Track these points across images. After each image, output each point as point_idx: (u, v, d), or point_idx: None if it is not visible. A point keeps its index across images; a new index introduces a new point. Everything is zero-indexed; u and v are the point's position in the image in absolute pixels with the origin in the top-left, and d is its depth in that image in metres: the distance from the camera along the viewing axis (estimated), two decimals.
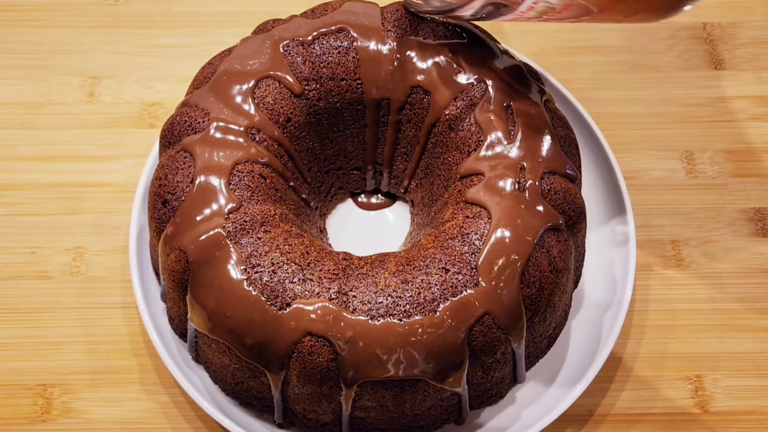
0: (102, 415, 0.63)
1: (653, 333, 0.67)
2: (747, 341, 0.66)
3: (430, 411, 0.58)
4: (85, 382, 0.64)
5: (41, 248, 0.69)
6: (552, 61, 0.78)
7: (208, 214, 0.57)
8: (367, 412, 0.57)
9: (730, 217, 0.72)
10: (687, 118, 0.77)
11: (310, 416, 0.59)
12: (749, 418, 0.64)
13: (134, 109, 0.76)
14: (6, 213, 0.71)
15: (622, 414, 0.64)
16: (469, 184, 0.60)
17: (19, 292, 0.68)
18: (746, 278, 0.69)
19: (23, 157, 0.74)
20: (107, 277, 0.68)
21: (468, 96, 0.63)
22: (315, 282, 0.56)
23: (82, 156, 0.74)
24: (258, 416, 0.61)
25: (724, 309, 0.68)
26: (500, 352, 0.57)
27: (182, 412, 0.63)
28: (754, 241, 0.71)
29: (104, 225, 0.70)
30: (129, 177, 0.72)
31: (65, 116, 0.76)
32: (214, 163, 0.59)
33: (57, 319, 0.66)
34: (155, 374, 0.64)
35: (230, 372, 0.59)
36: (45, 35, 0.80)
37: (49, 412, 0.63)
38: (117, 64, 0.79)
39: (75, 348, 0.65)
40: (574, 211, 0.60)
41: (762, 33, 0.81)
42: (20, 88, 0.77)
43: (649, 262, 0.69)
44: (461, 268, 0.56)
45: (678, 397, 0.64)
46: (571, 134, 0.63)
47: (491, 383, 0.59)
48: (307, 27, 0.65)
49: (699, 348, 0.66)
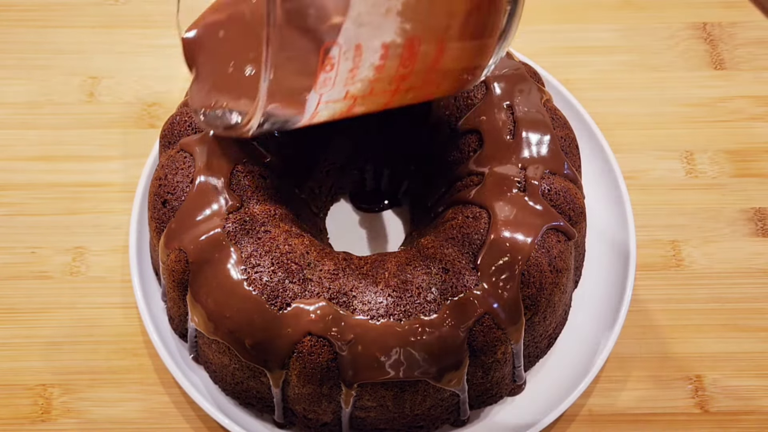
0: (102, 415, 0.63)
1: (653, 333, 0.67)
2: (747, 341, 0.66)
3: (430, 411, 0.58)
4: (85, 382, 0.64)
5: (41, 248, 0.69)
6: (552, 61, 0.78)
7: (208, 214, 0.57)
8: (367, 412, 0.57)
9: (730, 217, 0.72)
10: (687, 118, 0.77)
11: (310, 416, 0.59)
12: (749, 418, 0.64)
13: (134, 109, 0.76)
14: (6, 213, 0.71)
15: (622, 414, 0.64)
16: (469, 184, 0.60)
17: (19, 292, 0.68)
18: (746, 278, 0.69)
19: (23, 157, 0.74)
20: (107, 277, 0.68)
21: (468, 96, 0.63)
22: (315, 282, 0.56)
23: (82, 156, 0.74)
24: (258, 416, 0.61)
25: (724, 309, 0.68)
26: (500, 352, 0.57)
27: (182, 412, 0.63)
28: (754, 241, 0.71)
29: (104, 225, 0.70)
30: (129, 177, 0.72)
31: (65, 116, 0.76)
32: (214, 163, 0.59)
33: (57, 319, 0.66)
34: (155, 374, 0.64)
35: (230, 372, 0.59)
36: (45, 35, 0.80)
37: (49, 412, 0.63)
38: (117, 64, 0.79)
39: (75, 348, 0.65)
40: (574, 211, 0.60)
41: (762, 33, 0.81)
42: (20, 88, 0.77)
43: (649, 262, 0.69)
44: (461, 268, 0.56)
45: (678, 397, 0.64)
46: (571, 134, 0.63)
47: (491, 383, 0.59)
48: None
49: (699, 348, 0.66)
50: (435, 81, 0.55)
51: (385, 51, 0.50)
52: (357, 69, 0.50)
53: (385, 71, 0.51)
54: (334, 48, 0.48)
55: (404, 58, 0.51)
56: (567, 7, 0.83)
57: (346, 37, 0.48)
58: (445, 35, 0.52)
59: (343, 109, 0.53)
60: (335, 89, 0.50)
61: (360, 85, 0.51)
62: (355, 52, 0.49)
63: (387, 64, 0.51)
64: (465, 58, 0.54)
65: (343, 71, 0.49)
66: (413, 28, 0.50)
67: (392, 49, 0.50)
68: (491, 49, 0.55)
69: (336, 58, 0.48)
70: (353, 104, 0.53)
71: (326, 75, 0.49)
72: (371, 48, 0.49)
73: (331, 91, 0.50)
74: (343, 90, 0.51)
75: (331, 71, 0.49)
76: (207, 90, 0.57)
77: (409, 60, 0.51)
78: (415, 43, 0.50)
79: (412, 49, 0.51)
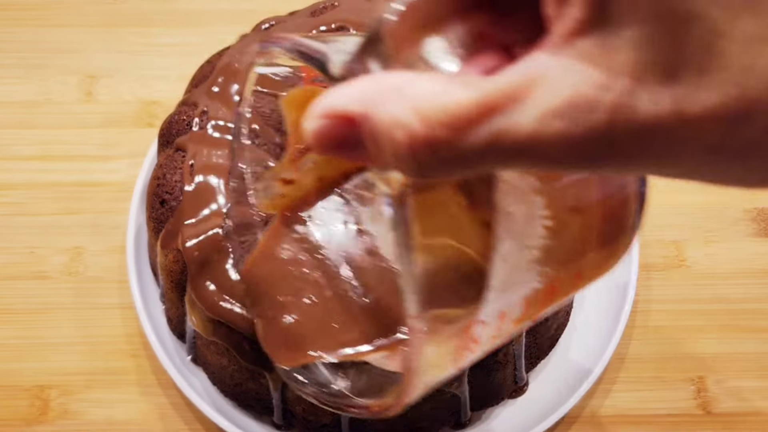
0: (99, 416, 0.63)
1: (655, 334, 0.66)
2: (750, 342, 0.66)
3: (430, 412, 0.58)
4: (82, 384, 0.64)
5: (39, 248, 0.69)
6: None
7: (207, 214, 0.57)
8: None
9: (733, 217, 0.71)
10: None
11: (309, 417, 0.58)
12: (752, 419, 0.63)
13: (132, 108, 0.76)
14: (4, 213, 0.71)
15: (625, 415, 0.63)
16: None
17: (17, 292, 0.67)
18: (749, 278, 0.69)
19: (21, 157, 0.73)
20: (105, 277, 0.68)
21: None
22: None
23: (80, 155, 0.73)
24: (257, 418, 0.60)
25: (727, 310, 0.67)
26: (501, 353, 0.56)
27: (180, 414, 0.63)
28: (757, 242, 0.70)
29: (102, 225, 0.70)
30: (127, 176, 0.72)
31: (63, 115, 0.76)
32: (212, 163, 0.59)
33: (55, 319, 0.66)
34: (153, 375, 0.64)
35: (229, 373, 0.58)
36: (43, 34, 0.80)
37: (46, 414, 0.63)
38: (115, 63, 0.78)
39: (72, 349, 0.65)
40: None
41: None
42: (18, 87, 0.77)
43: (652, 263, 0.69)
44: None
45: (680, 398, 0.64)
46: None
47: (492, 384, 0.59)
48: (307, 25, 0.64)
49: (701, 349, 0.66)
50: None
51: (527, 303, 0.44)
52: (499, 332, 0.44)
53: (525, 318, 0.45)
54: (477, 326, 0.42)
55: (545, 302, 0.45)
56: None
57: (489, 310, 0.42)
58: (582, 261, 0.46)
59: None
60: (475, 356, 0.45)
61: (500, 341, 0.45)
62: (498, 321, 0.43)
63: (529, 311, 0.45)
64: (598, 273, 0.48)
65: (485, 341, 0.43)
66: (553, 269, 0.44)
67: (533, 297, 0.44)
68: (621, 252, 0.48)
69: (480, 335, 0.42)
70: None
71: (470, 353, 0.43)
72: (513, 307, 0.43)
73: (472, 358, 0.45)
74: (482, 353, 0.45)
75: (476, 346, 0.43)
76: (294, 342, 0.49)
77: (550, 300, 0.45)
78: (556, 284, 0.45)
79: (552, 290, 0.45)
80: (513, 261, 0.41)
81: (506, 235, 0.40)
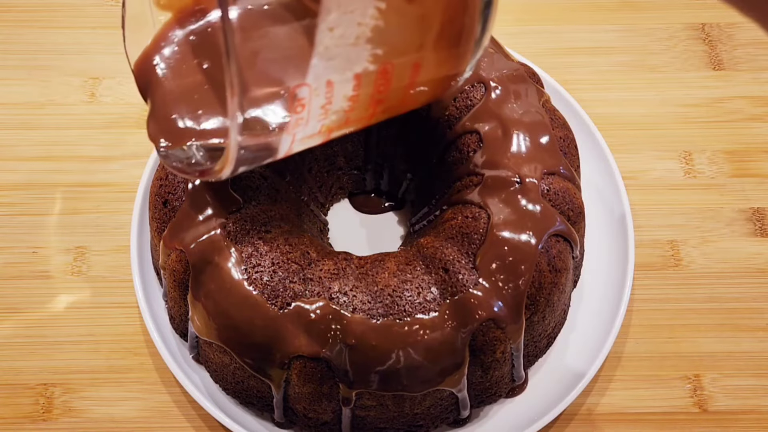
0: (103, 414, 0.63)
1: (652, 332, 0.67)
2: (745, 341, 0.67)
3: (429, 410, 0.59)
4: (86, 382, 0.64)
5: (42, 248, 0.70)
6: (551, 62, 0.78)
7: (209, 215, 0.58)
8: (366, 411, 0.58)
9: (729, 217, 0.72)
10: (686, 119, 0.77)
11: (310, 415, 0.59)
12: (748, 417, 0.64)
13: (135, 110, 0.76)
14: (7, 213, 0.71)
15: (621, 413, 0.64)
16: (468, 185, 0.61)
17: (21, 291, 0.68)
18: (745, 278, 0.69)
19: (25, 157, 0.74)
20: (108, 276, 0.68)
21: (467, 97, 0.63)
22: (315, 282, 0.56)
23: (83, 156, 0.74)
24: (258, 415, 0.61)
25: (723, 309, 0.68)
26: (499, 351, 0.57)
27: (183, 412, 0.63)
28: (753, 241, 0.71)
29: (105, 225, 0.71)
30: (130, 177, 0.72)
31: (66, 116, 0.76)
32: None
33: (58, 318, 0.67)
34: (156, 373, 0.65)
35: (231, 371, 0.59)
36: (46, 36, 0.81)
37: (50, 412, 0.63)
38: (118, 65, 0.79)
39: (76, 347, 0.65)
40: (574, 211, 0.60)
41: (760, 34, 0.81)
42: (21, 89, 0.77)
43: (648, 262, 0.70)
44: (461, 268, 0.56)
45: (677, 396, 0.64)
46: (569, 134, 0.63)
47: (490, 382, 0.59)
48: None
49: (698, 347, 0.66)
50: (412, 97, 0.53)
51: (358, 81, 0.47)
52: (330, 104, 0.48)
53: (359, 100, 0.49)
54: (303, 89, 0.46)
55: (378, 84, 0.49)
56: (566, 8, 0.83)
57: (315, 75, 0.45)
58: (419, 53, 0.49)
59: (319, 141, 0.52)
60: (309, 126, 0.48)
61: (335, 117, 0.49)
62: (326, 89, 0.46)
63: (361, 92, 0.48)
64: (441, 71, 0.52)
65: (315, 108, 0.47)
66: (385, 52, 0.47)
67: (365, 77, 0.48)
68: (468, 56, 0.52)
69: (306, 98, 0.46)
70: (329, 135, 0.51)
71: (298, 116, 0.47)
72: (343, 80, 0.47)
73: (305, 129, 0.48)
74: (318, 125, 0.49)
75: (303, 111, 0.47)
76: (168, 124, 0.54)
77: (384, 85, 0.49)
78: (389, 68, 0.48)
79: (386, 73, 0.48)
80: (340, 32, 0.45)
81: (334, 6, 0.43)
